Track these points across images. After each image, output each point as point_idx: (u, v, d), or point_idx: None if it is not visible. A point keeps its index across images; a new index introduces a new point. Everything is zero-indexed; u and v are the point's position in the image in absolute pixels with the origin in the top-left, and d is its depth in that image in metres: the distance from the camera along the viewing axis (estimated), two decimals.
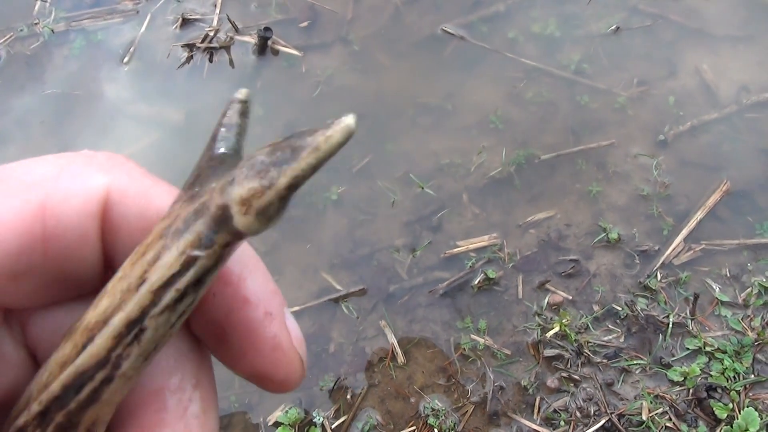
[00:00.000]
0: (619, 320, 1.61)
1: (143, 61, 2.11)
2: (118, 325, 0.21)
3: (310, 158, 0.20)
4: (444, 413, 1.51)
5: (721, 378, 1.50)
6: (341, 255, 1.73)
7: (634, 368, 1.55)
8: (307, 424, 1.52)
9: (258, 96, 2.03)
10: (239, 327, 0.23)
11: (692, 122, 1.89)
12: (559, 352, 1.57)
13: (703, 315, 1.61)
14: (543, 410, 1.51)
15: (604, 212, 1.77)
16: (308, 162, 0.20)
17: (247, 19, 2.17)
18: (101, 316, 0.21)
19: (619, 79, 1.98)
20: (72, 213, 0.22)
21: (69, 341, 0.22)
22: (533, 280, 1.68)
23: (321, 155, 0.20)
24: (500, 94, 1.98)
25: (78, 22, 2.21)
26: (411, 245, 1.74)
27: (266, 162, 0.20)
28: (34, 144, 1.99)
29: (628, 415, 1.49)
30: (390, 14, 2.15)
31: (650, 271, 1.67)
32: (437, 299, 1.66)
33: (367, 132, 1.93)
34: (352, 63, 2.06)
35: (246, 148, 0.25)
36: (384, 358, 1.60)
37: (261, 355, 0.23)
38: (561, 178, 1.83)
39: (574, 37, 2.07)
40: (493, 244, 1.73)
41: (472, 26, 2.11)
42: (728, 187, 1.77)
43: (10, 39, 2.19)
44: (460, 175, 1.84)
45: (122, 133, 1.98)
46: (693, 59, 2.01)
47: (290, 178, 0.20)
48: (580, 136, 1.89)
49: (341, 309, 1.66)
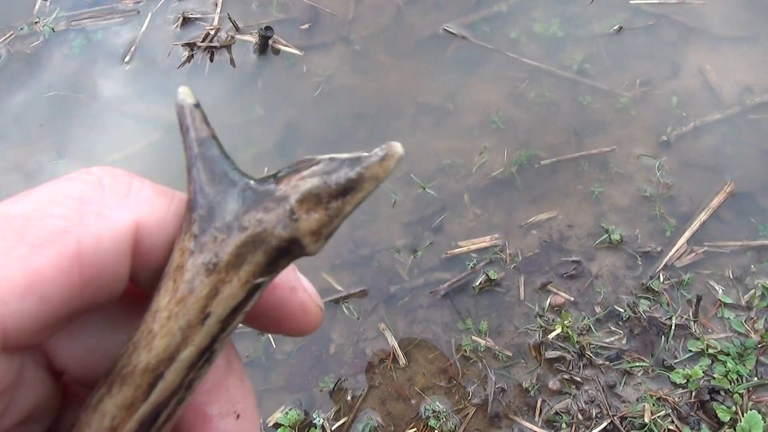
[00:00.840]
0: (622, 322, 1.60)
1: (144, 60, 2.11)
2: (190, 357, 0.23)
3: (371, 186, 0.23)
4: (445, 415, 1.50)
5: (724, 380, 1.49)
6: (342, 255, 1.73)
7: (637, 370, 1.54)
8: (307, 426, 1.51)
9: (258, 95, 2.02)
10: (274, 306, 0.26)
11: (695, 123, 1.88)
12: (560, 354, 1.56)
13: (705, 317, 1.60)
14: (544, 412, 1.50)
15: (606, 213, 1.76)
16: (369, 190, 0.23)
17: (248, 19, 2.16)
18: (163, 355, 0.23)
19: (622, 79, 1.97)
20: (106, 255, 0.22)
21: (128, 385, 0.23)
22: (535, 282, 1.67)
23: (379, 182, 0.23)
24: (502, 95, 1.97)
25: (78, 21, 2.21)
26: (412, 246, 1.73)
27: (323, 193, 0.22)
28: (34, 143, 1.98)
29: (630, 417, 1.48)
30: (391, 14, 2.15)
31: (653, 273, 1.66)
32: (438, 300, 1.66)
33: (368, 132, 1.93)
34: (353, 63, 2.05)
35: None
36: (384, 360, 1.59)
37: (294, 320, 0.27)
38: (563, 179, 1.82)
39: (577, 37, 2.06)
40: (495, 244, 1.72)
41: (474, 26, 2.10)
42: (732, 188, 1.76)
43: (11, 38, 2.18)
44: (462, 176, 1.83)
45: (122, 132, 1.97)
46: (696, 60, 2.00)
47: (354, 206, 0.23)
48: (582, 136, 1.88)
49: (342, 310, 1.66)
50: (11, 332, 0.20)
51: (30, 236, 0.21)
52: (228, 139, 1.92)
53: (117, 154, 1.93)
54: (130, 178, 0.24)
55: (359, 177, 0.22)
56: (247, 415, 0.26)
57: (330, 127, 1.94)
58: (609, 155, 1.84)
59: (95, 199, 0.22)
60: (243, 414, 0.26)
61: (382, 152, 0.23)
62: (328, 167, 0.23)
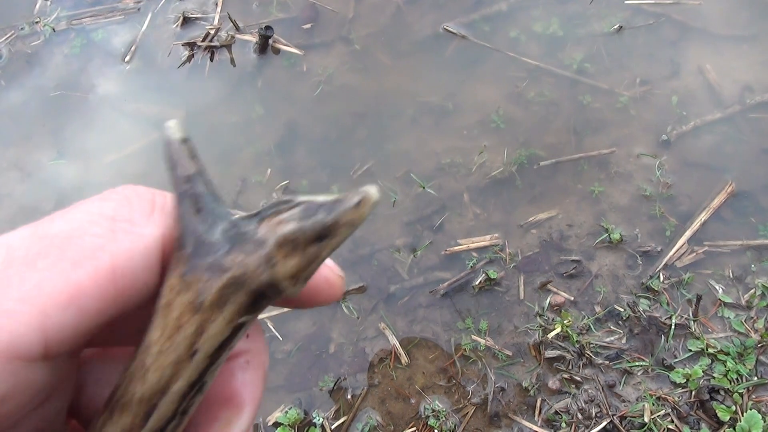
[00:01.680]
0: (621, 321, 1.60)
1: (144, 60, 2.11)
2: (180, 390, 0.24)
3: (347, 232, 0.23)
4: (444, 414, 1.50)
5: (723, 380, 1.49)
6: (341, 254, 1.73)
7: (636, 370, 1.54)
8: (307, 425, 1.51)
9: (259, 95, 2.02)
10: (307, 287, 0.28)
11: (695, 122, 1.88)
12: (560, 354, 1.56)
13: (705, 316, 1.60)
14: (544, 412, 1.50)
15: (606, 212, 1.76)
16: (345, 235, 0.23)
17: (248, 18, 2.16)
18: (156, 387, 0.24)
19: (622, 78, 1.97)
20: (137, 269, 0.24)
21: (126, 413, 0.24)
22: (535, 281, 1.67)
23: (355, 228, 0.23)
24: (502, 94, 1.97)
25: (79, 21, 2.21)
26: (412, 245, 1.73)
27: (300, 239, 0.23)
28: (34, 142, 1.99)
29: (630, 416, 1.48)
30: (391, 13, 2.15)
31: (653, 272, 1.66)
32: (438, 299, 1.66)
33: (368, 131, 1.93)
34: (353, 62, 2.05)
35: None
36: (384, 359, 1.59)
37: (321, 294, 0.29)
38: (563, 179, 1.82)
39: (577, 36, 2.06)
40: (495, 244, 1.72)
41: (474, 25, 2.10)
42: (733, 188, 1.75)
43: (12, 37, 2.18)
44: (462, 175, 1.83)
45: (123, 132, 1.97)
46: (696, 59, 2.00)
47: (330, 250, 0.23)
48: (582, 136, 1.88)
49: (341, 309, 1.66)
50: (52, 342, 0.22)
51: (70, 253, 0.23)
52: (228, 139, 1.92)
53: (117, 154, 1.93)
54: (152, 194, 0.26)
55: (335, 223, 0.22)
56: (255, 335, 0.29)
57: (330, 127, 1.94)
58: (609, 155, 1.84)
59: (125, 216, 0.25)
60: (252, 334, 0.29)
61: (357, 198, 0.23)
62: (305, 212, 0.23)
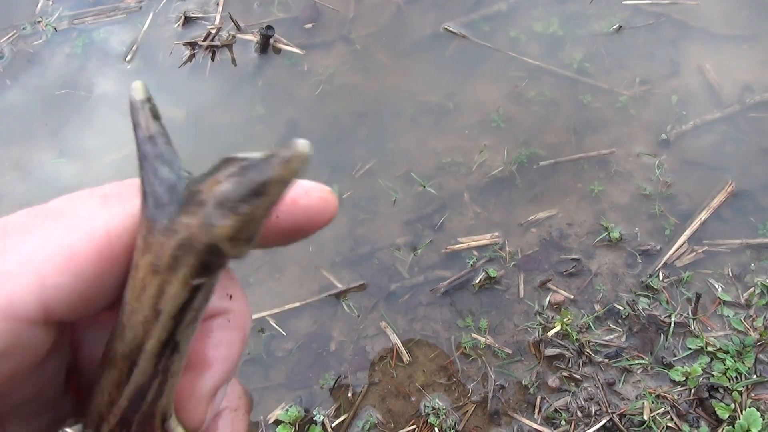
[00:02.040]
0: (621, 320, 1.61)
1: (145, 59, 2.11)
2: (153, 348, 0.24)
3: (279, 190, 0.22)
4: (444, 412, 1.51)
5: (723, 378, 1.49)
6: (342, 253, 1.73)
7: (636, 368, 1.54)
8: (308, 423, 1.52)
9: (259, 94, 2.03)
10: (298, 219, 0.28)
11: (695, 122, 1.88)
12: (560, 352, 1.56)
13: (705, 315, 1.61)
14: (544, 410, 1.51)
15: (605, 211, 1.76)
16: (278, 194, 0.22)
17: (249, 18, 2.17)
18: (132, 344, 0.24)
19: (622, 78, 1.98)
20: (132, 233, 0.24)
21: (113, 368, 0.25)
22: (534, 279, 1.68)
23: (287, 186, 0.22)
24: (502, 93, 1.97)
25: (81, 20, 2.22)
26: (412, 244, 1.74)
27: (235, 199, 0.22)
28: (35, 142, 1.99)
29: (630, 414, 1.48)
30: (392, 13, 2.15)
31: (652, 271, 1.67)
32: (438, 298, 1.66)
33: (369, 131, 1.93)
34: (353, 62, 2.06)
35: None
36: (385, 357, 1.60)
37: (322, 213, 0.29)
38: (563, 177, 1.82)
39: (577, 36, 2.07)
40: (495, 242, 1.72)
41: (474, 25, 2.11)
42: (733, 188, 1.76)
43: (13, 37, 2.19)
44: (462, 174, 1.83)
45: (123, 131, 1.98)
46: (696, 58, 2.00)
47: (265, 210, 0.22)
48: (582, 135, 1.89)
49: (342, 307, 1.66)
50: (52, 305, 0.23)
51: (65, 221, 0.24)
52: (229, 138, 1.93)
53: (117, 154, 1.94)
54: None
55: (265, 182, 0.21)
56: (237, 296, 0.29)
57: (330, 126, 1.95)
58: (609, 154, 1.85)
59: (116, 192, 0.26)
60: (234, 295, 0.29)
61: (286, 154, 0.21)
62: (240, 170, 0.22)
